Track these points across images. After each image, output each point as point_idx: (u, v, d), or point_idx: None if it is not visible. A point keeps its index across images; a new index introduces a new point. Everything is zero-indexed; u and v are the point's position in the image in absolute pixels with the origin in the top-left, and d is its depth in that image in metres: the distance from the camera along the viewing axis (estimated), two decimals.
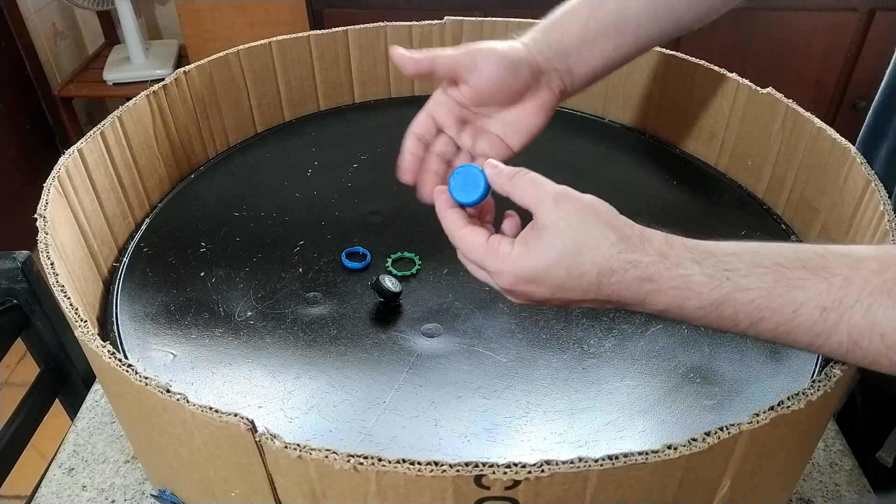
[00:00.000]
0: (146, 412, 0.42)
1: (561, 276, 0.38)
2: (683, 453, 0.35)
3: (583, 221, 0.38)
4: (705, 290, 0.36)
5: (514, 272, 0.39)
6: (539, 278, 0.39)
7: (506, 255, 0.40)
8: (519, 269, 0.39)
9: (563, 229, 0.38)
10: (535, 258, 0.39)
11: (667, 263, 0.37)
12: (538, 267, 0.39)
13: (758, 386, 0.52)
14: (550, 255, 0.38)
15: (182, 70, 0.72)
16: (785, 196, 0.69)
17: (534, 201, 0.40)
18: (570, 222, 0.38)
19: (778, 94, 0.68)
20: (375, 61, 0.86)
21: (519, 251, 0.39)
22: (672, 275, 0.37)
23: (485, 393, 0.51)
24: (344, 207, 0.70)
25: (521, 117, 0.52)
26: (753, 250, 0.37)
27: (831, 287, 0.34)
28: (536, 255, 0.39)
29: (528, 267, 0.39)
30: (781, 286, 0.35)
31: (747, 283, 0.36)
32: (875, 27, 1.60)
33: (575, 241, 0.38)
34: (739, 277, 0.36)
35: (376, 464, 0.35)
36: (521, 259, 0.39)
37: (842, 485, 0.57)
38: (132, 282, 0.61)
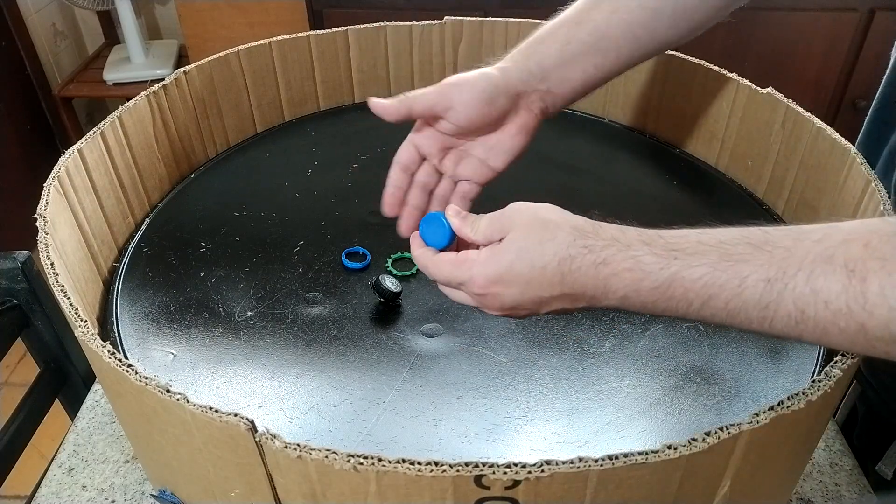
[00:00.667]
0: (146, 412, 0.42)
1: (525, 270, 0.41)
2: (683, 453, 0.35)
3: (536, 219, 0.41)
4: (655, 268, 0.38)
5: (483, 275, 0.42)
6: (505, 277, 0.41)
7: (473, 261, 0.43)
8: (487, 272, 0.42)
9: (521, 229, 0.41)
10: (500, 258, 0.41)
11: (618, 246, 0.39)
12: (502, 265, 0.41)
13: (758, 386, 0.52)
14: (512, 252, 0.41)
15: (182, 70, 0.72)
16: (785, 196, 0.69)
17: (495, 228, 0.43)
18: (526, 222, 0.41)
19: (778, 94, 0.68)
20: (375, 61, 0.86)
21: (485, 255, 0.42)
22: (624, 256, 0.38)
23: (485, 393, 0.51)
24: (344, 207, 0.70)
25: (503, 140, 0.52)
26: (699, 232, 0.38)
27: (773, 258, 0.35)
28: (500, 255, 0.41)
29: (494, 267, 0.42)
30: (725, 261, 0.36)
31: (693, 260, 0.37)
32: (875, 27, 1.59)
33: (532, 239, 0.41)
34: (686, 256, 0.37)
35: (376, 464, 0.35)
36: (488, 262, 0.42)
37: (842, 485, 0.57)
38: (132, 282, 0.61)
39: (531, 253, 0.40)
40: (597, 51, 0.53)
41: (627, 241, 0.39)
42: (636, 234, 0.39)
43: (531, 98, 0.53)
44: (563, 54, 0.52)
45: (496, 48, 0.86)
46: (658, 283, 0.38)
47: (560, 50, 0.52)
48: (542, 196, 0.53)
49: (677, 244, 0.38)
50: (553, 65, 0.52)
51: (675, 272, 0.37)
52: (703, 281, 0.37)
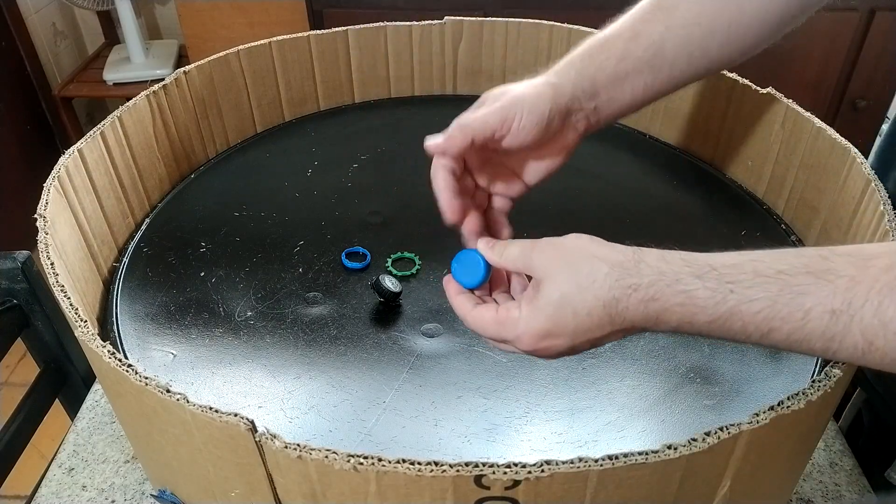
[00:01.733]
0: (146, 412, 0.42)
1: (570, 321, 0.39)
2: (683, 453, 0.35)
3: (571, 264, 0.39)
4: (710, 304, 0.36)
5: (529, 333, 0.40)
6: (553, 331, 0.39)
7: (516, 319, 0.40)
8: (532, 329, 0.40)
9: (556, 277, 0.39)
10: (542, 314, 0.39)
11: (666, 280, 0.37)
12: (546, 321, 0.39)
13: (758, 386, 0.52)
14: (553, 306, 0.39)
15: (182, 70, 0.72)
16: (785, 196, 0.69)
17: (524, 264, 0.41)
18: (560, 268, 0.39)
19: (778, 94, 0.68)
20: (375, 61, 0.86)
21: (526, 312, 0.40)
22: (674, 291, 0.37)
23: (485, 393, 0.51)
24: (344, 207, 0.70)
25: (544, 157, 0.50)
26: (755, 259, 0.36)
27: (837, 289, 0.34)
28: (542, 310, 0.39)
29: (539, 324, 0.40)
30: (786, 294, 0.35)
31: (752, 294, 0.35)
32: (875, 27, 1.59)
33: (570, 284, 0.38)
34: (743, 289, 0.35)
35: (376, 464, 0.35)
36: (531, 319, 0.40)
37: (842, 485, 0.57)
38: (132, 282, 0.61)
39: (573, 302, 0.38)
40: (650, 68, 0.50)
41: (675, 275, 0.37)
42: (683, 263, 0.37)
43: (578, 116, 0.50)
44: (617, 71, 0.50)
45: (496, 48, 0.87)
46: (714, 318, 0.36)
47: (615, 66, 0.49)
48: (543, 196, 0.53)
49: (733, 276, 0.36)
50: (606, 82, 0.50)
51: (733, 307, 0.36)
52: (763, 314, 0.35)
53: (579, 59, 0.50)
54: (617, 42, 0.50)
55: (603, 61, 0.49)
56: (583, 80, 0.49)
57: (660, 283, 0.37)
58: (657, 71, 0.50)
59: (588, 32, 0.81)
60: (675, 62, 0.50)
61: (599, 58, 0.49)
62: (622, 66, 0.49)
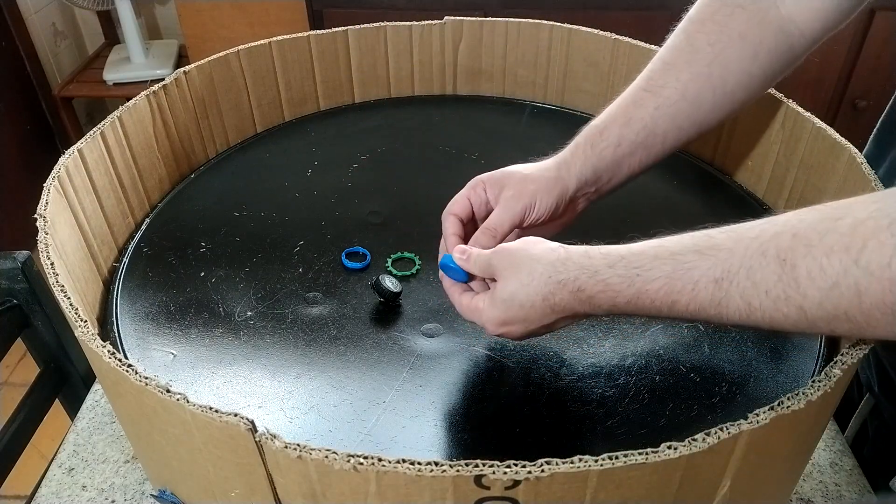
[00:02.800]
0: (146, 412, 0.42)
1: (519, 312, 0.46)
2: (683, 453, 0.35)
3: (516, 266, 0.46)
4: (623, 287, 0.42)
5: (490, 321, 0.48)
6: (507, 320, 0.47)
7: (481, 310, 0.48)
8: (493, 318, 0.47)
9: (506, 277, 0.46)
10: (497, 306, 0.47)
11: (587, 273, 0.43)
12: (500, 311, 0.47)
13: (758, 386, 0.52)
14: (504, 300, 0.46)
15: (182, 70, 0.72)
16: (785, 196, 0.69)
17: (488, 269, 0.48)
18: (509, 270, 0.46)
19: (778, 94, 0.68)
20: (375, 61, 0.86)
21: (487, 304, 0.48)
22: (594, 281, 0.43)
23: (485, 393, 0.51)
24: (344, 207, 0.70)
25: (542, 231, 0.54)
26: (657, 245, 0.42)
27: (717, 261, 0.39)
28: (497, 303, 0.47)
29: (496, 314, 0.47)
30: (679, 271, 0.40)
31: (652, 275, 0.41)
32: (875, 27, 1.60)
33: (515, 283, 0.45)
34: (645, 272, 0.41)
35: (376, 464, 0.35)
36: (490, 310, 0.48)
37: (842, 485, 0.57)
38: (132, 282, 0.61)
39: (519, 297, 0.45)
40: (644, 148, 0.55)
41: (594, 268, 0.43)
42: (601, 257, 0.43)
43: (579, 199, 0.56)
44: (615, 157, 0.55)
45: (496, 48, 0.87)
46: (630, 298, 0.42)
47: (613, 153, 0.54)
48: None
49: (638, 262, 0.42)
50: (605, 168, 0.55)
51: (640, 287, 0.42)
52: (663, 290, 0.41)
53: (581, 151, 0.55)
54: (613, 129, 0.55)
55: (602, 150, 0.54)
56: (586, 171, 0.54)
57: (582, 277, 0.43)
58: (650, 148, 0.55)
59: (588, 32, 0.82)
60: (667, 137, 0.55)
61: (599, 146, 0.55)
62: (619, 151, 0.55)
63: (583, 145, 0.55)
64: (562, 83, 0.86)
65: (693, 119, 0.55)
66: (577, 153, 0.55)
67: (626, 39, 0.79)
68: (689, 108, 0.54)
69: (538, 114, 0.87)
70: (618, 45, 0.80)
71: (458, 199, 0.55)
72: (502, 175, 0.54)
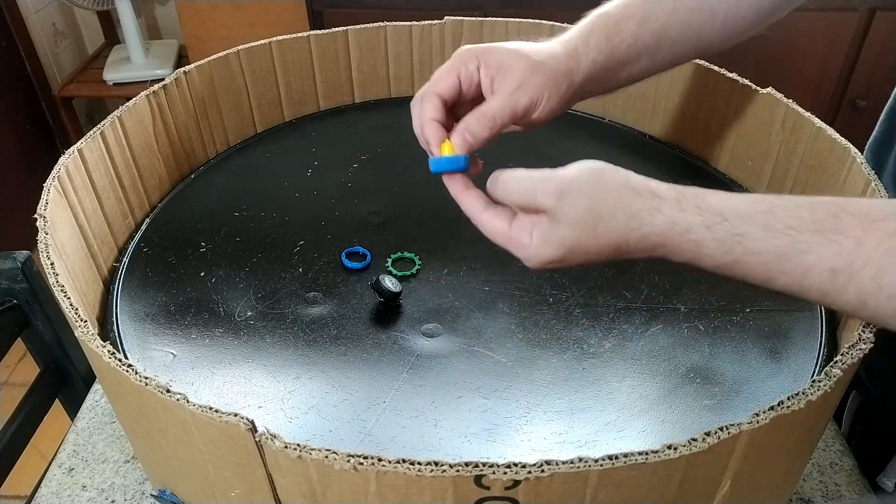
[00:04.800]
0: (146, 412, 0.42)
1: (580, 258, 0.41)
2: (683, 453, 0.35)
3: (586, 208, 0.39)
4: (717, 253, 0.37)
5: (537, 259, 0.42)
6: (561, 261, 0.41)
7: (527, 246, 0.42)
8: (541, 258, 0.41)
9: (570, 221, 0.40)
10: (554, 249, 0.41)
11: (678, 229, 0.38)
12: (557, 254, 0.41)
13: (758, 386, 0.52)
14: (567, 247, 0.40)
15: (182, 70, 0.72)
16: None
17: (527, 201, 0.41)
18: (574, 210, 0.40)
19: (778, 94, 0.68)
20: (375, 61, 0.86)
21: (538, 243, 0.41)
22: (684, 239, 0.38)
23: (485, 393, 0.51)
24: (344, 207, 0.70)
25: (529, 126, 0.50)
26: (767, 211, 0.37)
27: (842, 250, 0.34)
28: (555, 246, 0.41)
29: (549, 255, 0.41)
30: (791, 250, 0.36)
31: (757, 247, 0.36)
32: (875, 27, 1.59)
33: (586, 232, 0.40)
34: (750, 242, 0.36)
35: (376, 464, 0.35)
36: (541, 250, 0.41)
37: (842, 485, 0.57)
38: (132, 282, 0.61)
39: (587, 245, 0.40)
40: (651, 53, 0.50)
41: (687, 225, 0.38)
42: (696, 212, 0.38)
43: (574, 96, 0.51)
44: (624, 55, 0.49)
45: None
46: (719, 265, 0.38)
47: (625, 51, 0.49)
48: None
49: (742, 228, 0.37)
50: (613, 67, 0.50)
51: (738, 257, 0.37)
52: (765, 266, 0.37)
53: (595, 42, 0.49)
54: (629, 24, 0.49)
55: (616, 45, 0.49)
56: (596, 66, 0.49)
57: (671, 232, 0.38)
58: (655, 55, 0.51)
59: None
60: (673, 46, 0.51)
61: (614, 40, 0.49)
62: (630, 51, 0.49)
63: (596, 35, 0.49)
64: None
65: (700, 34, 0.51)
66: (590, 43, 0.49)
67: None
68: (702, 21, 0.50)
69: None
70: None
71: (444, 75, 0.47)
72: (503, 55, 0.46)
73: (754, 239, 0.36)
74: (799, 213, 0.36)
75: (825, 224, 0.35)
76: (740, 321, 0.57)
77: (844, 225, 0.35)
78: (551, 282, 0.60)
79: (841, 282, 0.35)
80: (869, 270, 0.34)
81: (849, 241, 0.34)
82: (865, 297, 0.34)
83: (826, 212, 0.36)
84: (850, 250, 0.34)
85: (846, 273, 0.34)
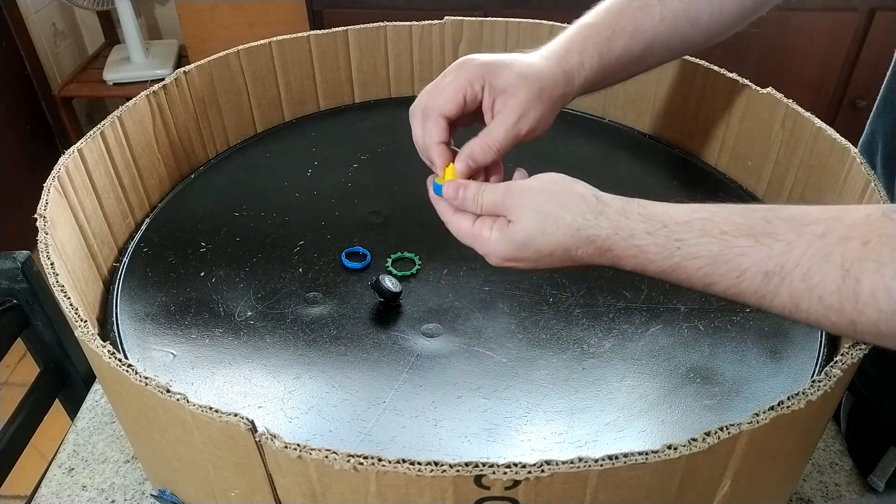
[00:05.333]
0: (146, 412, 0.42)
1: (533, 255, 0.43)
2: (683, 453, 0.35)
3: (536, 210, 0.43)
4: (659, 258, 0.40)
5: (496, 254, 0.45)
6: (516, 258, 0.44)
7: (486, 239, 0.45)
8: (499, 253, 0.45)
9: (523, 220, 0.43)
10: (509, 244, 0.44)
11: (622, 234, 0.41)
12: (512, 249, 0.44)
13: (758, 386, 0.52)
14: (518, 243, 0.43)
15: (182, 70, 0.72)
16: (785, 196, 0.69)
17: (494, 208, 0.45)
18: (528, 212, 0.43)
19: (778, 94, 0.68)
20: (375, 61, 0.86)
21: (496, 237, 0.45)
22: (628, 244, 0.40)
23: (485, 393, 0.51)
24: (344, 207, 0.70)
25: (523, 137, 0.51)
26: (705, 217, 0.39)
27: (773, 253, 0.36)
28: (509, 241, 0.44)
29: (505, 250, 0.45)
30: (726, 254, 0.37)
31: (695, 251, 0.38)
32: (875, 27, 1.59)
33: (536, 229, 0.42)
34: (688, 247, 0.39)
35: (376, 464, 0.35)
36: (499, 245, 0.45)
37: (842, 485, 0.57)
38: (132, 282, 0.61)
39: (536, 243, 0.43)
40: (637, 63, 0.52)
41: (631, 230, 0.40)
42: (640, 219, 0.40)
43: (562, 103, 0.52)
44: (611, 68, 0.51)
45: (496, 48, 0.86)
46: (663, 269, 0.40)
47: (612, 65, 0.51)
48: None
49: (681, 234, 0.39)
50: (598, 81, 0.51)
51: (678, 262, 0.39)
52: (704, 271, 0.38)
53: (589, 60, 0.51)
54: (620, 39, 0.51)
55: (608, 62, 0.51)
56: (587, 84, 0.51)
57: (616, 237, 0.41)
58: (640, 64, 0.53)
59: None
60: (658, 54, 0.53)
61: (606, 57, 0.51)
62: (619, 63, 0.51)
63: (590, 53, 0.50)
64: None
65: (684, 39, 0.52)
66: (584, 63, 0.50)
67: None
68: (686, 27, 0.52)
69: None
70: None
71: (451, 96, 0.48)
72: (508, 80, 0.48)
73: (692, 244, 0.38)
74: (733, 219, 0.38)
75: (758, 229, 0.37)
76: (740, 321, 0.57)
77: (776, 229, 0.36)
78: (551, 282, 0.60)
79: (774, 284, 0.36)
80: (799, 272, 0.35)
81: (780, 244, 0.36)
82: (798, 298, 0.36)
83: (759, 217, 0.37)
84: (780, 253, 0.36)
85: (778, 276, 0.36)
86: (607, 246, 0.41)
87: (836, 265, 0.34)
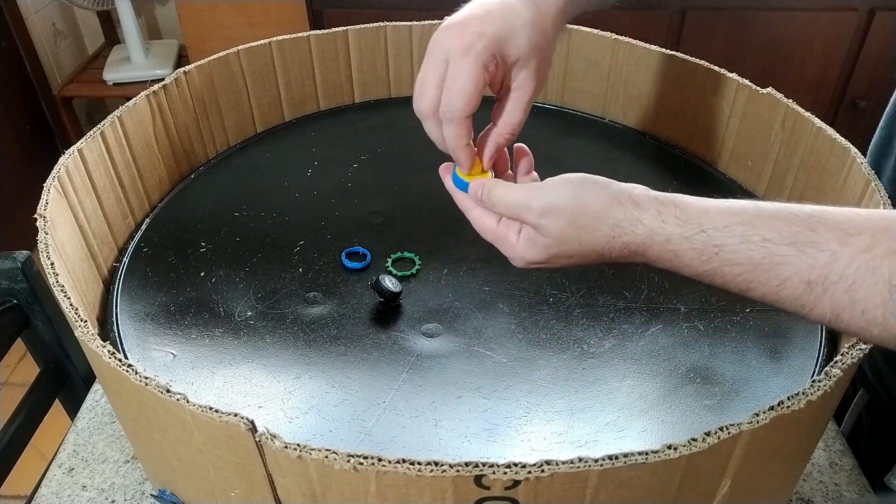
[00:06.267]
0: (146, 412, 0.42)
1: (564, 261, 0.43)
2: (683, 453, 0.35)
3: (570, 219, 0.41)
4: (695, 263, 0.39)
5: (521, 258, 0.44)
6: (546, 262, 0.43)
7: (513, 244, 0.44)
8: (525, 258, 0.44)
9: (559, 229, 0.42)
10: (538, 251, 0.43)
11: (658, 240, 0.40)
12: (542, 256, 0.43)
13: (758, 386, 0.52)
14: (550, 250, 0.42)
15: (182, 70, 0.72)
16: (785, 196, 0.69)
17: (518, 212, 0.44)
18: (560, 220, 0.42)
19: (778, 94, 0.68)
20: (375, 61, 0.86)
21: (524, 244, 0.44)
22: (663, 249, 0.40)
23: (485, 393, 0.51)
24: (344, 207, 0.70)
25: None
26: (745, 223, 0.38)
27: (816, 263, 0.35)
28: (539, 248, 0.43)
29: (532, 256, 0.43)
30: (767, 262, 0.36)
31: (734, 258, 0.37)
32: (875, 27, 1.60)
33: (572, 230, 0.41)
34: (727, 253, 0.38)
35: (376, 464, 0.35)
36: (526, 251, 0.44)
37: (842, 485, 0.57)
38: (132, 282, 0.61)
39: (569, 249, 0.42)
40: None
41: (667, 235, 0.39)
42: (676, 223, 0.39)
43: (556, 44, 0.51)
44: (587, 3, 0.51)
45: None
46: (698, 273, 0.39)
47: None
48: None
49: (720, 239, 0.38)
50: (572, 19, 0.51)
51: (716, 267, 0.38)
52: (742, 277, 0.37)
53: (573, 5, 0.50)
54: None
55: None
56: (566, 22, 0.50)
57: (651, 242, 0.40)
58: None
59: (587, 32, 0.82)
60: None
61: None
62: None
63: None
64: (561, 82, 0.86)
65: None
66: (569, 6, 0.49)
67: (626, 39, 0.79)
68: None
69: (538, 113, 0.87)
70: (617, 45, 0.80)
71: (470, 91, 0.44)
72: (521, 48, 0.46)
73: (731, 250, 0.37)
74: (776, 225, 0.37)
75: (801, 237, 0.36)
76: (740, 321, 0.57)
77: (820, 238, 0.36)
78: (551, 282, 0.60)
79: (816, 294, 0.35)
80: (843, 285, 0.34)
81: (824, 254, 0.35)
82: (840, 310, 0.35)
83: (803, 224, 0.36)
84: (824, 264, 0.35)
85: (821, 286, 0.35)
86: (642, 251, 0.40)
87: (883, 280, 0.33)
